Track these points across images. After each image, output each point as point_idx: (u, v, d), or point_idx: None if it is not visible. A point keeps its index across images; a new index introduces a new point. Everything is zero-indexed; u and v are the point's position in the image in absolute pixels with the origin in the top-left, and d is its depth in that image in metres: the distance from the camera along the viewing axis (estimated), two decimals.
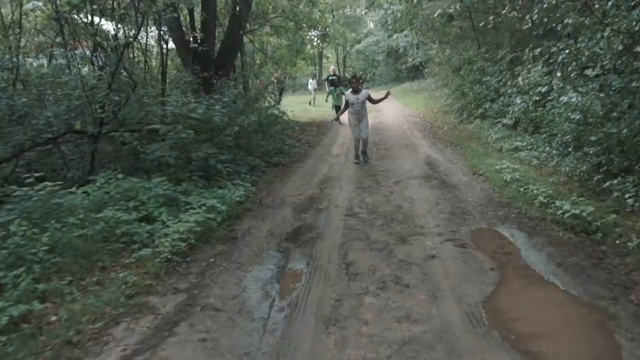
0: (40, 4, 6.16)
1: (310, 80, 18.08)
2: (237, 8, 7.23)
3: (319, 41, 15.20)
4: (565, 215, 3.68)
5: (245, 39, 10.09)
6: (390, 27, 18.59)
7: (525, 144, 6.47)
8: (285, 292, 2.97)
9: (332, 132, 10.69)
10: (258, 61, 13.28)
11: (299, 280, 3.13)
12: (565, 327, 2.45)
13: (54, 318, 2.54)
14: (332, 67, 14.12)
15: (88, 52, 6.50)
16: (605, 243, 3.36)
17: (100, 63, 5.98)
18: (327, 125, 11.66)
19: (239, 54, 9.65)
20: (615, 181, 4.12)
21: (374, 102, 7.14)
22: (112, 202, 3.92)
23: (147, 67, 6.58)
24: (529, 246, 3.51)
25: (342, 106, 7.43)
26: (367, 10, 26.20)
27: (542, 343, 2.27)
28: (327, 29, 12.05)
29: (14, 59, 5.31)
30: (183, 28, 7.16)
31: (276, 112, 8.20)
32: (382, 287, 2.93)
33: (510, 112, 7.29)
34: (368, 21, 30.61)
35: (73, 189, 3.88)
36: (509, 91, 7.40)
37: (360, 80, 7.08)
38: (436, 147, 8.12)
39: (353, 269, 3.22)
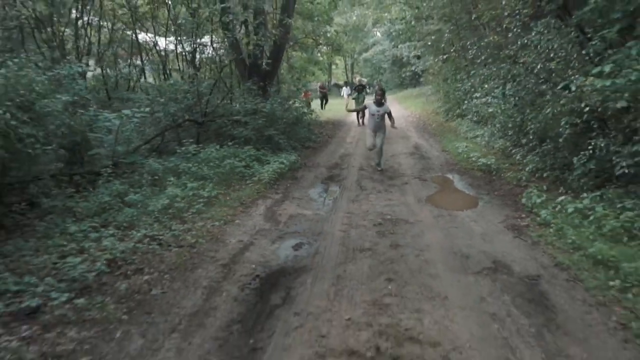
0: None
1: (344, 88, 21.34)
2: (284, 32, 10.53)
3: (330, 52, 18.46)
4: (480, 164, 6.90)
5: None
6: (393, 43, 21.88)
7: (482, 132, 9.64)
8: (330, 195, 6.18)
9: (345, 128, 13.95)
10: (282, 71, 16.57)
11: (336, 192, 6.34)
12: (459, 202, 5.64)
13: (228, 198, 5.77)
14: (358, 78, 17.03)
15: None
16: (496, 176, 6.57)
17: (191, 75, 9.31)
18: (341, 123, 14.93)
19: None
20: (517, 149, 7.31)
21: (392, 119, 7.49)
22: (227, 157, 7.15)
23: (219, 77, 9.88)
24: (458, 180, 6.71)
25: (362, 107, 8.72)
26: (374, 25, 29.61)
27: (447, 205, 5.45)
28: (341, 46, 15.28)
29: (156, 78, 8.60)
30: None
31: (306, 111, 11.46)
32: (379, 192, 6.13)
33: (473, 111, 10.51)
34: (375, 32, 33.93)
35: (206, 150, 7.14)
36: (473, 96, 10.59)
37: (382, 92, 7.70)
38: (423, 137, 11.34)
39: (364, 188, 6.42)
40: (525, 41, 6.83)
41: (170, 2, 11.59)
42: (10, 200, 5.00)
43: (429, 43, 15.83)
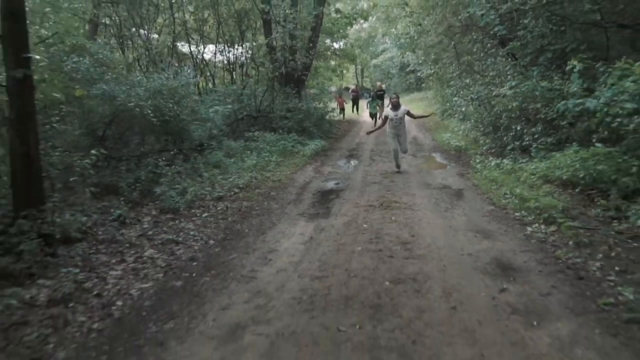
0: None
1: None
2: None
3: (345, 62, 22.03)
4: (454, 146, 10.38)
5: None
6: (400, 51, 25.41)
7: (464, 127, 13.08)
8: (352, 163, 9.68)
9: (358, 126, 17.49)
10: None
11: (355, 162, 9.83)
12: (435, 166, 9.12)
13: (287, 163, 9.29)
14: (378, 83, 19.79)
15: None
16: (463, 153, 10.03)
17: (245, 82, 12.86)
18: (355, 122, 18.48)
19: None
20: (482, 137, 10.74)
21: (415, 117, 8.39)
22: (279, 141, 10.67)
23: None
24: (439, 156, 10.18)
25: (382, 119, 9.18)
26: (383, 36, 33.18)
27: (427, 168, 8.92)
28: (355, 57, 18.83)
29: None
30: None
31: (329, 109, 15.02)
32: (384, 162, 9.61)
33: (459, 111, 13.97)
34: (385, 38, 37.46)
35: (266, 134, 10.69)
36: (453, 99, 14.05)
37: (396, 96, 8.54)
38: (421, 131, 14.83)
39: (374, 160, 9.91)
40: (493, 60, 10.33)
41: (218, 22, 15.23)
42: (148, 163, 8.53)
43: (423, 55, 19.29)
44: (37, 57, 4.67)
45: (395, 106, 8.19)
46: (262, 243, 4.57)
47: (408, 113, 8.25)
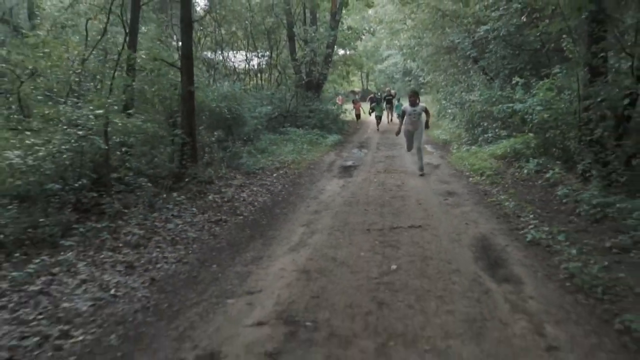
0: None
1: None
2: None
3: (353, 69, 25.62)
4: (442, 139, 13.92)
5: None
6: (404, 57, 29.00)
7: (452, 125, 16.58)
8: (363, 151, 13.19)
9: (365, 126, 21.05)
10: None
11: (365, 151, 13.34)
12: (425, 153, 12.61)
13: (315, 150, 12.81)
14: (387, 88, 22.77)
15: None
16: (449, 144, 13.54)
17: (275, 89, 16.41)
18: (363, 122, 22.06)
19: None
20: (464, 132, 14.25)
21: (428, 117, 9.23)
22: (306, 134, 14.21)
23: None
24: (429, 146, 13.69)
25: (400, 117, 9.75)
26: (387, 45, 36.81)
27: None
28: (362, 66, 22.40)
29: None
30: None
31: (341, 111, 18.57)
32: (387, 150, 13.13)
33: (448, 113, 17.48)
34: (390, 45, 41.06)
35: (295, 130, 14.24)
36: (442, 102, 17.56)
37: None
38: None
39: (379, 149, 13.43)
40: (469, 74, 13.86)
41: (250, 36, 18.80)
42: (227, 146, 12.07)
43: (422, 64, 22.83)
44: (201, 79, 8.17)
45: (414, 103, 8.65)
46: (315, 187, 8.07)
47: (425, 110, 8.81)
